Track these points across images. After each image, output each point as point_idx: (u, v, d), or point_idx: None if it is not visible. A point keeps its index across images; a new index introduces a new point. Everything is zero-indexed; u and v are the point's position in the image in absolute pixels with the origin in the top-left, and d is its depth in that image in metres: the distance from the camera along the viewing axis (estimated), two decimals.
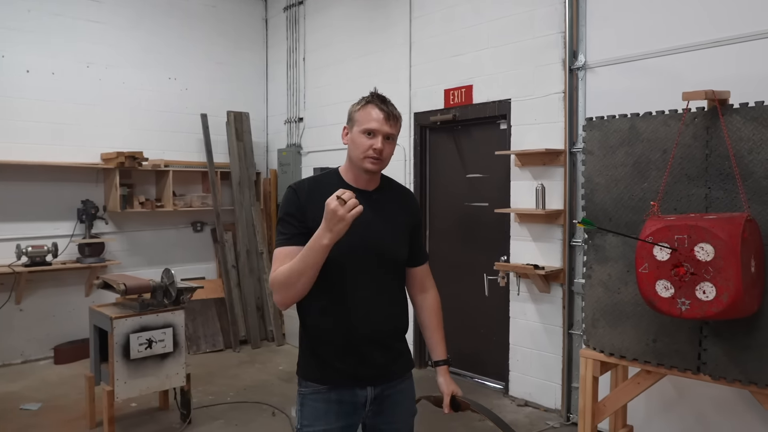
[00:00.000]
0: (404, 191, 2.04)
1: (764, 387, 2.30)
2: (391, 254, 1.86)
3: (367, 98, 1.84)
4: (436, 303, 2.06)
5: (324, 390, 1.82)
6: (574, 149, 3.91)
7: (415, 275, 2.02)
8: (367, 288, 1.81)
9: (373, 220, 1.81)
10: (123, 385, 3.57)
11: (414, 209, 2.01)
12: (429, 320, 2.04)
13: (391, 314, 1.88)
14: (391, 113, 1.80)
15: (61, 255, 5.24)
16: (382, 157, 1.79)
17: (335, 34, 5.91)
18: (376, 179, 1.90)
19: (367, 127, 1.78)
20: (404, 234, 1.92)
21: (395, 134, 1.83)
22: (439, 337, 2.03)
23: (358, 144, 1.79)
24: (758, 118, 2.32)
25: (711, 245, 2.10)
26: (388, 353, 1.88)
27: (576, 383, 3.88)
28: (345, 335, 1.80)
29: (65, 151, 5.37)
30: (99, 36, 5.58)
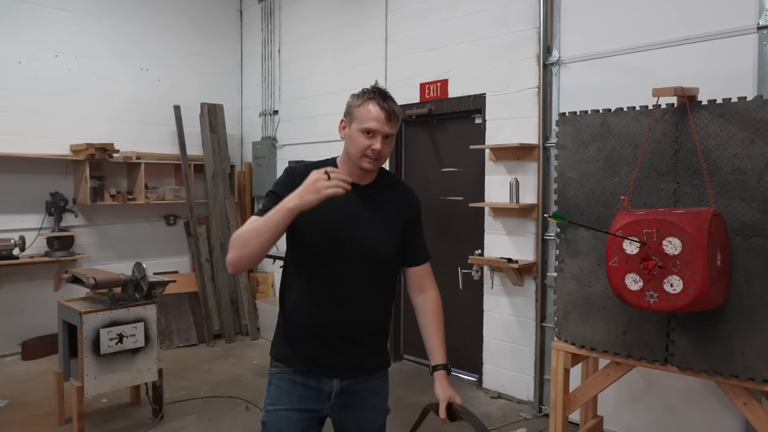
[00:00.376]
0: (403, 189, 1.98)
1: (729, 377, 2.36)
2: (373, 251, 1.81)
3: (368, 94, 1.76)
4: (436, 305, 1.96)
5: (290, 372, 1.83)
6: (548, 144, 3.95)
7: (413, 275, 1.96)
8: (346, 281, 1.79)
9: (361, 214, 1.80)
10: (93, 380, 3.51)
11: (413, 207, 1.95)
12: (427, 323, 1.95)
13: (366, 310, 1.84)
14: (393, 111, 1.74)
15: (28, 249, 5.11)
16: (381, 156, 1.75)
17: (311, 26, 5.87)
18: (372, 174, 1.85)
19: (366, 126, 1.72)
20: (394, 233, 1.86)
21: (394, 134, 1.78)
22: (437, 341, 1.93)
23: (356, 142, 1.74)
24: (725, 115, 2.37)
25: (679, 239, 2.15)
26: (359, 349, 1.84)
27: (548, 375, 3.94)
28: (316, 323, 1.80)
29: (33, 143, 5.24)
30: (68, 24, 5.45)
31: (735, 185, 2.35)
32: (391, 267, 1.89)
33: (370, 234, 1.80)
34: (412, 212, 1.95)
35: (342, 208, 1.75)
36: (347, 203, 1.75)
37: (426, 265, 1.98)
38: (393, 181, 1.96)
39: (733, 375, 2.35)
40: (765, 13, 3.00)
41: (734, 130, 2.35)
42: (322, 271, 1.79)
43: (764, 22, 3.01)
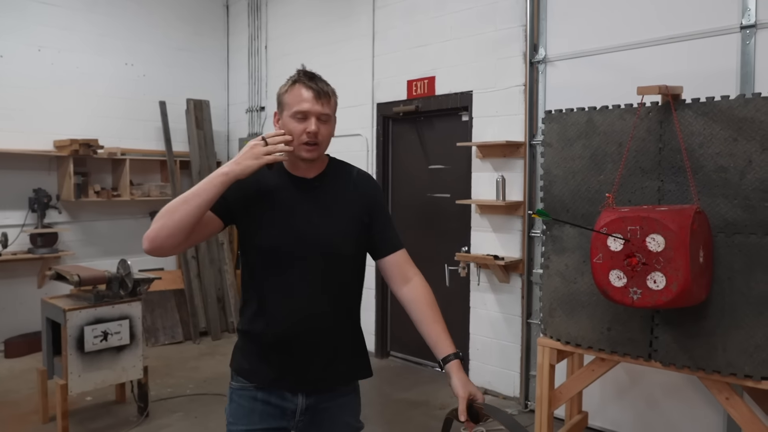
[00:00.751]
0: (358, 176, 1.78)
1: (711, 373, 2.39)
2: (332, 248, 1.64)
3: (294, 77, 1.64)
4: (425, 291, 1.73)
5: (251, 388, 1.69)
6: (534, 141, 3.97)
7: (390, 266, 1.74)
8: (303, 284, 1.62)
9: (312, 210, 1.64)
10: (77, 378, 3.48)
11: (369, 195, 1.75)
12: (421, 313, 1.70)
13: (332, 317, 1.66)
14: (322, 90, 1.60)
15: (11, 245, 5.06)
16: (318, 140, 1.60)
17: (298, 22, 5.84)
18: (319, 165, 1.70)
19: (297, 109, 1.58)
20: (353, 224, 1.68)
21: (330, 113, 1.63)
22: (439, 329, 1.68)
23: (291, 130, 1.59)
24: (709, 114, 2.40)
25: (662, 236, 2.17)
26: (323, 357, 1.67)
27: (534, 371, 3.97)
28: (276, 335, 1.64)
29: (16, 138, 5.16)
30: (51, 18, 5.37)
31: (718, 183, 2.38)
32: (353, 264, 1.72)
33: (325, 230, 1.64)
34: (372, 199, 1.74)
35: (290, 205, 1.63)
36: (295, 200, 1.64)
37: (402, 252, 1.76)
38: (345, 169, 1.77)
39: (715, 370, 2.38)
40: (748, 13, 3.04)
41: (717, 129, 2.38)
42: (275, 276, 1.63)
43: (747, 22, 3.04)
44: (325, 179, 1.70)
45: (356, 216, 1.70)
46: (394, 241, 1.76)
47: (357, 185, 1.74)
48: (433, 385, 4.52)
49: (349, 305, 1.74)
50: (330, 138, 1.65)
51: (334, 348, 1.68)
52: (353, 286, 1.75)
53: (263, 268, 1.64)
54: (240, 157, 1.50)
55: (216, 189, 1.48)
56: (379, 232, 1.74)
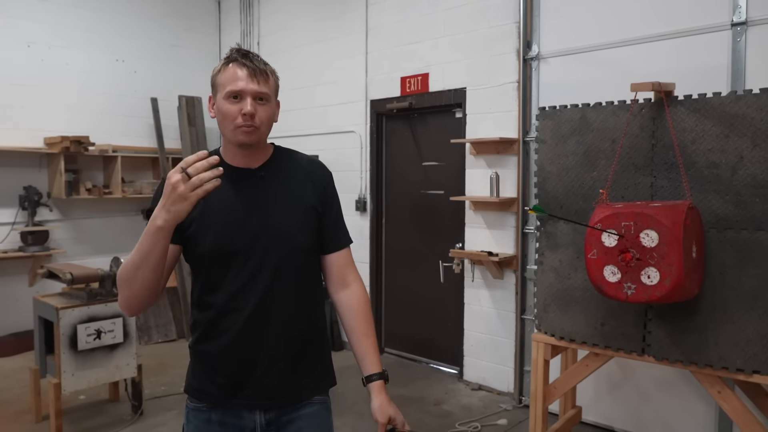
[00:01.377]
0: (307, 163, 1.63)
1: (703, 367, 2.42)
2: (284, 241, 1.49)
3: (227, 56, 1.50)
4: (361, 300, 1.61)
5: (204, 408, 1.54)
6: (528, 138, 3.98)
7: (330, 266, 1.61)
8: (254, 287, 1.47)
9: (258, 202, 1.50)
10: (70, 377, 3.46)
11: (320, 183, 1.60)
12: (351, 323, 1.59)
13: (287, 319, 1.50)
14: (258, 68, 1.46)
15: (1, 244, 5.02)
16: (256, 122, 1.45)
17: (291, 18, 5.82)
18: (262, 153, 1.55)
19: (229, 89, 1.44)
20: (305, 215, 1.54)
21: (269, 93, 1.48)
22: (367, 345, 1.57)
23: (225, 113, 1.45)
24: (701, 110, 2.42)
25: (656, 232, 2.19)
26: (284, 369, 1.51)
27: (528, 367, 3.99)
28: (225, 344, 1.48)
29: (5, 135, 5.11)
30: (40, 14, 5.32)
31: (710, 179, 2.40)
32: (309, 260, 1.57)
33: (273, 223, 1.49)
34: (322, 187, 1.59)
35: (232, 200, 1.48)
36: (238, 194, 1.49)
37: (345, 251, 1.62)
38: (293, 157, 1.63)
39: (707, 364, 2.40)
40: (738, 10, 3.06)
41: (709, 125, 2.40)
42: (223, 283, 1.48)
43: (737, 19, 3.07)
44: (271, 168, 1.55)
45: (309, 205, 1.55)
46: (341, 238, 1.63)
47: (308, 173, 1.60)
48: (427, 380, 4.54)
49: (308, 308, 1.57)
50: (270, 121, 1.51)
51: (290, 357, 1.52)
52: (311, 285, 1.58)
53: (209, 276, 1.49)
54: (167, 203, 1.26)
55: (161, 244, 1.32)
56: (327, 225, 1.59)
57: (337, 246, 1.61)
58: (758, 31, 3.02)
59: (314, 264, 1.60)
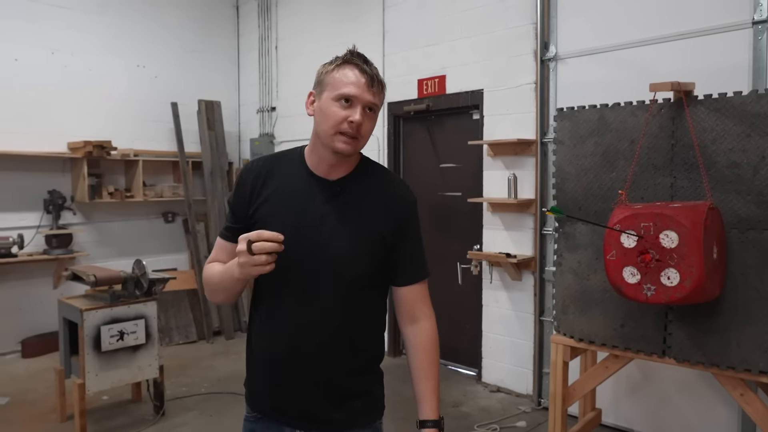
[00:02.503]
0: (391, 184, 1.51)
1: (725, 369, 2.39)
2: (342, 266, 1.41)
3: (345, 56, 1.41)
4: (429, 339, 1.50)
5: (252, 418, 1.54)
6: (546, 139, 3.97)
7: (400, 299, 1.51)
8: (309, 306, 1.42)
9: (327, 218, 1.41)
10: (94, 377, 3.53)
11: (397, 210, 1.47)
12: (414, 362, 1.50)
13: (339, 345, 1.43)
14: (376, 77, 1.38)
15: (27, 247, 5.12)
16: (360, 134, 1.36)
17: (308, 22, 5.87)
18: (347, 165, 1.45)
19: (343, 92, 1.35)
20: (372, 240, 1.43)
21: (378, 106, 1.40)
22: (425, 388, 1.48)
23: (329, 115, 1.36)
24: (721, 109, 2.39)
25: (675, 232, 2.17)
26: (328, 395, 1.45)
27: (547, 369, 3.97)
28: (275, 360, 1.45)
29: (30, 140, 5.23)
30: (64, 21, 5.44)
31: (731, 179, 2.38)
32: (369, 286, 1.47)
33: (339, 243, 1.40)
34: (402, 215, 1.48)
35: (302, 211, 1.41)
36: (309, 205, 1.42)
37: (418, 286, 1.51)
38: (377, 173, 1.51)
39: (729, 366, 2.38)
40: (760, 8, 3.02)
41: (730, 125, 2.37)
42: (279, 295, 1.44)
43: (759, 17, 3.03)
44: (350, 183, 1.46)
45: (381, 230, 1.44)
46: (413, 272, 1.51)
47: (388, 196, 1.48)
48: (446, 382, 4.53)
49: (361, 335, 1.48)
50: (370, 135, 1.42)
51: (335, 382, 1.45)
52: (368, 312, 1.49)
53: (269, 285, 1.46)
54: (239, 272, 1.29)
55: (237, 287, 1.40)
56: (402, 256, 1.48)
57: (409, 280, 1.50)
58: None
59: (375, 293, 1.50)
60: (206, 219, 6.13)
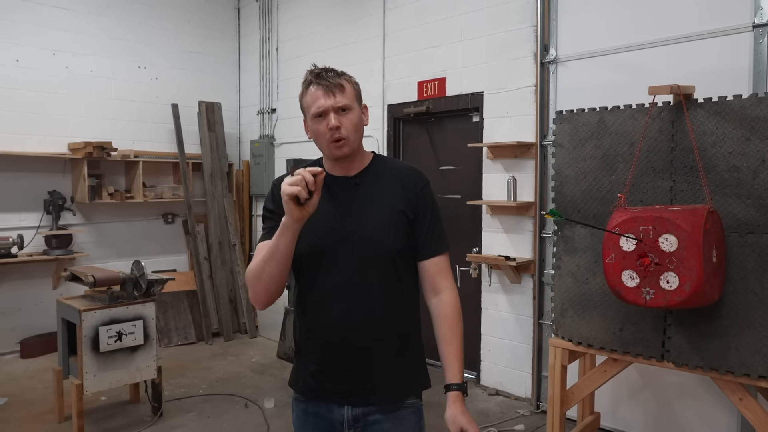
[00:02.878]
0: (403, 170, 1.68)
1: (724, 373, 2.38)
2: (374, 244, 1.56)
3: (304, 80, 1.61)
4: (450, 308, 1.62)
5: (302, 400, 1.66)
6: (545, 142, 3.97)
7: (423, 272, 1.65)
8: (344, 288, 1.56)
9: (352, 207, 1.59)
10: (92, 378, 3.52)
11: (412, 189, 1.63)
12: (438, 331, 1.63)
13: (377, 320, 1.56)
14: (329, 84, 1.54)
15: (27, 247, 5.12)
16: (342, 134, 1.53)
17: (308, 24, 5.87)
18: (360, 162, 1.64)
19: (313, 111, 1.55)
20: (395, 219, 1.59)
21: (348, 102, 1.55)
22: (450, 353, 1.60)
23: (317, 132, 1.56)
24: (721, 113, 2.39)
25: (675, 236, 2.17)
26: (367, 366, 1.57)
27: (546, 372, 3.96)
28: (318, 340, 1.59)
29: (31, 141, 5.24)
30: (65, 23, 5.44)
31: (730, 182, 2.37)
32: (400, 263, 1.60)
33: (366, 226, 1.57)
34: (416, 193, 1.63)
35: (330, 205, 1.58)
36: (335, 199, 1.59)
37: (439, 258, 1.64)
38: (390, 164, 1.70)
39: (728, 371, 2.37)
40: (760, 12, 3.02)
41: (730, 128, 2.37)
42: (317, 280, 1.58)
43: (759, 21, 3.03)
44: (367, 176, 1.63)
45: (399, 210, 1.60)
46: (433, 245, 1.64)
47: (402, 179, 1.64)
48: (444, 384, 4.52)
49: (399, 310, 1.61)
50: (358, 127, 1.57)
51: (380, 357, 1.58)
52: (402, 287, 1.62)
53: (306, 275, 1.60)
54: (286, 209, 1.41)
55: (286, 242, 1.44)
56: (421, 231, 1.63)
57: (429, 253, 1.64)
58: None
59: (406, 267, 1.63)
60: (206, 220, 6.13)
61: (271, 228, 1.57)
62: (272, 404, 4.10)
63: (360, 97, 1.63)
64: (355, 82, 1.64)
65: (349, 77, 1.61)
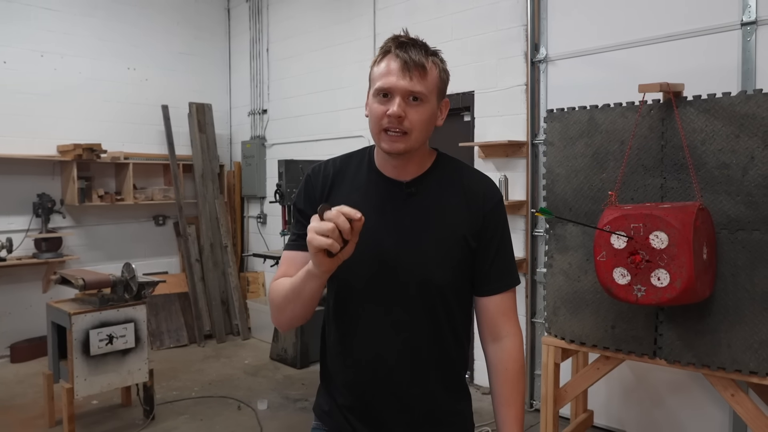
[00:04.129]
0: (471, 181, 1.36)
1: (716, 369, 2.39)
2: (423, 275, 1.27)
3: (385, 46, 1.28)
4: (513, 361, 1.36)
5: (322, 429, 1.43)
6: (536, 141, 3.97)
7: (481, 311, 1.37)
8: (387, 324, 1.29)
9: (400, 226, 1.28)
10: (83, 382, 3.49)
11: (479, 210, 1.32)
12: (495, 387, 1.38)
13: (422, 363, 1.31)
14: (412, 60, 1.22)
15: (16, 250, 5.07)
16: (405, 126, 1.22)
17: (299, 25, 5.86)
18: (419, 163, 1.32)
19: (377, 86, 1.23)
20: (454, 246, 1.29)
21: (425, 92, 1.23)
22: (510, 416, 1.34)
23: (371, 112, 1.26)
24: (710, 110, 2.40)
25: (665, 233, 2.17)
26: (410, 417, 1.32)
27: (538, 370, 3.97)
28: (350, 379, 1.34)
29: (19, 143, 5.19)
30: (53, 24, 5.40)
31: (720, 180, 2.38)
32: (451, 297, 1.32)
33: (416, 252, 1.27)
34: (484, 215, 1.32)
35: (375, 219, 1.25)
36: (382, 211, 1.29)
37: (503, 296, 1.35)
38: (456, 171, 1.37)
39: (720, 367, 2.38)
40: (748, 10, 3.04)
41: (719, 125, 2.38)
42: (353, 308, 1.32)
43: (747, 19, 3.04)
44: (425, 183, 1.32)
45: (461, 236, 1.30)
46: (498, 280, 1.35)
47: (469, 195, 1.33)
48: None
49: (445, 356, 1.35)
50: (426, 126, 1.27)
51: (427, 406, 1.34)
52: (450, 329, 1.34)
53: (336, 299, 1.34)
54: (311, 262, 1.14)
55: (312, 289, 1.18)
56: (483, 263, 1.34)
57: (492, 289, 1.35)
58: None
59: (459, 304, 1.35)
60: (197, 222, 6.10)
61: (299, 236, 1.31)
62: (265, 406, 4.08)
63: (444, 88, 1.33)
64: (445, 69, 1.33)
65: (440, 60, 1.31)
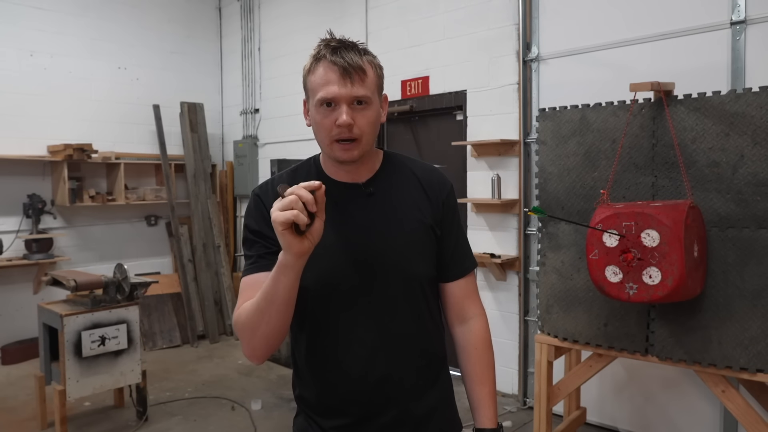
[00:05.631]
0: (423, 172, 1.35)
1: (707, 366, 2.41)
2: (399, 274, 1.25)
3: (315, 52, 1.22)
4: (481, 340, 1.36)
5: None
6: (529, 139, 3.99)
7: (447, 296, 1.36)
8: (366, 330, 1.25)
9: (366, 226, 1.25)
10: (75, 384, 3.47)
11: (437, 198, 1.32)
12: (466, 367, 1.38)
13: (401, 358, 1.27)
14: (350, 65, 1.17)
15: (6, 252, 5.03)
16: (355, 133, 1.18)
17: (291, 24, 5.84)
18: (370, 164, 1.29)
19: (321, 96, 1.17)
20: (424, 237, 1.29)
21: (368, 94, 1.19)
22: (483, 393, 1.35)
23: (318, 125, 1.20)
24: (701, 109, 2.42)
25: (657, 231, 2.19)
26: (401, 419, 1.28)
27: (532, 368, 3.98)
28: (340, 397, 1.28)
29: (9, 144, 5.14)
30: (43, 23, 5.36)
31: (711, 178, 2.40)
32: (429, 289, 1.32)
33: (390, 250, 1.25)
34: (440, 203, 1.32)
35: (338, 223, 1.23)
36: (344, 214, 1.25)
37: (465, 280, 1.36)
38: (406, 166, 1.35)
39: (711, 363, 2.40)
40: (737, 9, 3.06)
41: (709, 124, 2.40)
42: (329, 321, 1.26)
43: (737, 18, 3.07)
44: (382, 182, 1.30)
45: (426, 226, 1.29)
46: (460, 264, 1.36)
47: (424, 185, 1.33)
48: None
49: (430, 349, 1.33)
50: (374, 127, 1.22)
51: (407, 408, 1.30)
52: (432, 321, 1.33)
53: (313, 315, 1.26)
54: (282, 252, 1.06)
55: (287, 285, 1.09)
56: (446, 250, 1.33)
57: (456, 274, 1.35)
58: (757, 30, 3.02)
59: (433, 294, 1.35)
60: (189, 222, 6.08)
61: (258, 257, 1.23)
62: (259, 406, 4.07)
63: (382, 84, 1.27)
64: (379, 65, 1.27)
65: (373, 57, 1.25)
